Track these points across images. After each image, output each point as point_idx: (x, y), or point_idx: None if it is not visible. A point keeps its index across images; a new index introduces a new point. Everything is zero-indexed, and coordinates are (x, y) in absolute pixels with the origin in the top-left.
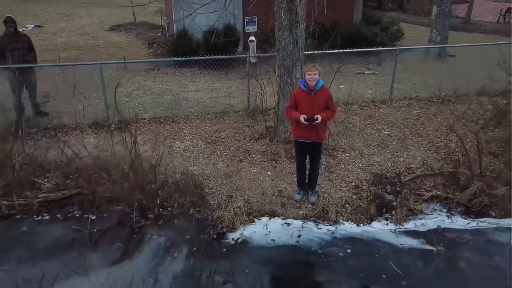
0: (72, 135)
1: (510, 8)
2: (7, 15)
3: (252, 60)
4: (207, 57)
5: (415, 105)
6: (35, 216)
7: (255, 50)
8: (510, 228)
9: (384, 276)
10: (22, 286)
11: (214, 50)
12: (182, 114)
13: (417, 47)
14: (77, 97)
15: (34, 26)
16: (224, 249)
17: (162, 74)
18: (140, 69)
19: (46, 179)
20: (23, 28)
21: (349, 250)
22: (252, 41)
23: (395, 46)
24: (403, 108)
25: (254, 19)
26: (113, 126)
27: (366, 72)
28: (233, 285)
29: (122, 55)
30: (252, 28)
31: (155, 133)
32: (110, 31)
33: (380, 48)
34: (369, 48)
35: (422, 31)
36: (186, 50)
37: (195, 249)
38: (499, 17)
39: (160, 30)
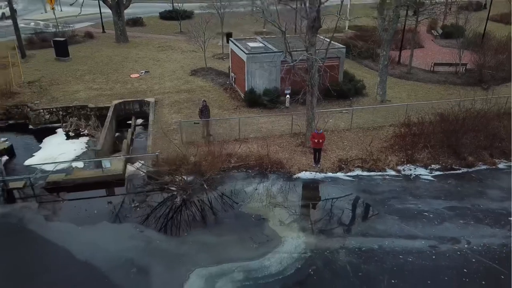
0: (227, 143)
1: (436, 63)
2: (203, 99)
3: (287, 105)
4: (270, 114)
5: (362, 131)
6: (232, 170)
7: (289, 100)
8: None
9: (339, 185)
10: (231, 190)
11: (267, 97)
12: (264, 135)
13: (365, 106)
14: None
15: (145, 72)
16: (292, 179)
17: (242, 112)
18: (230, 108)
19: (231, 158)
20: (139, 74)
21: (329, 180)
22: (287, 96)
23: (363, 93)
24: (355, 132)
25: (289, 87)
26: (239, 140)
27: (344, 111)
28: (294, 190)
29: (213, 97)
30: (287, 91)
31: (262, 144)
32: (192, 76)
33: (342, 108)
34: (346, 98)
35: None
36: (254, 99)
37: (284, 178)
38: (430, 67)
39: (228, 80)
